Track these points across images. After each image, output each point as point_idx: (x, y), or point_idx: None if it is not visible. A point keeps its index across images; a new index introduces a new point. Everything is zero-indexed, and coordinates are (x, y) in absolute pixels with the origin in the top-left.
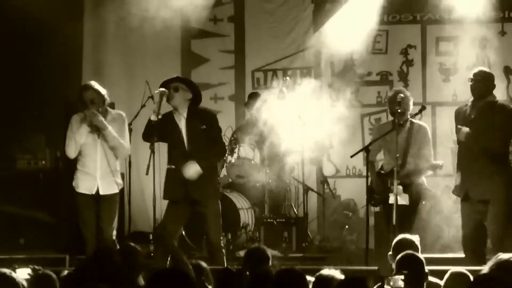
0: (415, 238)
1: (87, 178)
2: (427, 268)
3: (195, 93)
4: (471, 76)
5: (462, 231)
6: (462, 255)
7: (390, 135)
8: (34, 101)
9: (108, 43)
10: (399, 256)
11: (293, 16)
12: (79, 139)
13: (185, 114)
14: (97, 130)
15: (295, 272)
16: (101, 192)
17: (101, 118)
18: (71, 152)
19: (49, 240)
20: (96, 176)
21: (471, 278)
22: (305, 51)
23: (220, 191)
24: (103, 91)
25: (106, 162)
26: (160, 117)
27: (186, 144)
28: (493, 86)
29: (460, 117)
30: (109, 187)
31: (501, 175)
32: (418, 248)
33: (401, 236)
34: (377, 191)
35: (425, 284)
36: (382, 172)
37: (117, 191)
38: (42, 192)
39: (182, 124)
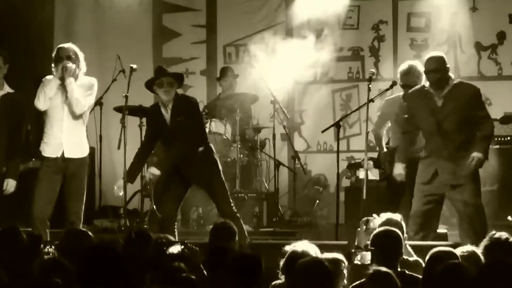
0: (399, 217)
1: (53, 141)
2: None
3: (180, 82)
4: (425, 69)
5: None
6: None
7: (400, 109)
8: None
9: (79, 16)
10: (374, 232)
11: None
12: (48, 91)
13: (170, 106)
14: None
15: (251, 257)
16: (67, 155)
17: (72, 67)
18: (40, 103)
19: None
20: (62, 139)
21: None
22: (277, 27)
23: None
24: (81, 55)
25: (72, 126)
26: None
27: (169, 137)
28: (448, 68)
29: (424, 104)
30: (75, 150)
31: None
32: (403, 227)
33: (387, 216)
34: (384, 165)
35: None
36: (388, 146)
37: (83, 155)
38: None
39: (167, 118)
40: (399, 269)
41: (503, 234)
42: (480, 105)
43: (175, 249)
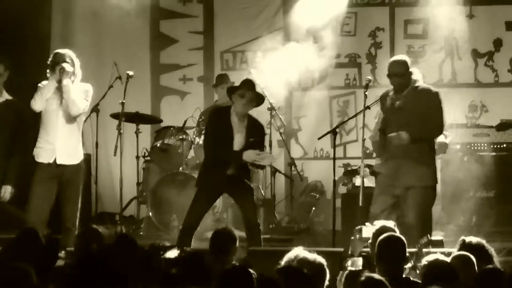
0: (391, 224)
1: (47, 147)
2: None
3: (259, 103)
4: (388, 72)
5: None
6: None
7: None
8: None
9: (76, 23)
10: (381, 238)
11: None
12: (46, 93)
13: (245, 123)
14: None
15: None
16: (59, 161)
17: (69, 69)
18: (36, 105)
19: None
20: (56, 145)
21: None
22: (275, 33)
23: None
24: (77, 62)
25: (67, 132)
26: None
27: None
28: (411, 72)
29: (386, 105)
30: (68, 157)
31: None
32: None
33: (381, 224)
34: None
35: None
36: None
37: (76, 162)
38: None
39: (241, 132)
40: (404, 275)
41: None
42: (435, 110)
43: (172, 254)
